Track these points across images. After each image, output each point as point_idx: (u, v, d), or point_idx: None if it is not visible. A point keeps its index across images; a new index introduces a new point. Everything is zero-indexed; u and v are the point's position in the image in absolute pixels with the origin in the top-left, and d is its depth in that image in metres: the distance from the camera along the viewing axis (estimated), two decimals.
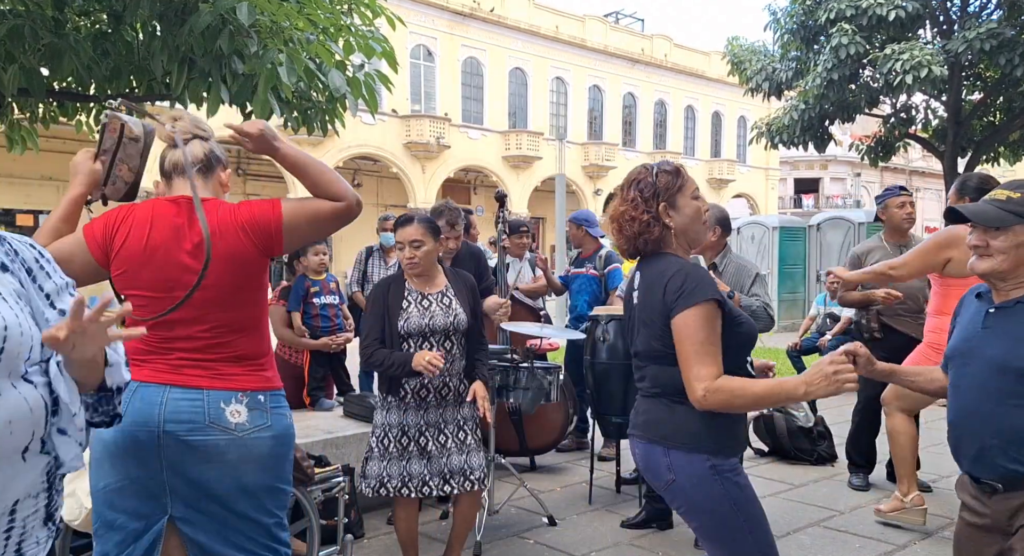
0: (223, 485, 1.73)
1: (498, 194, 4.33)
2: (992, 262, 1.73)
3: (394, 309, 2.72)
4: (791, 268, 13.35)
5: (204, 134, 1.90)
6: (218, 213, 1.78)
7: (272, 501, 1.82)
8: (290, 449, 1.87)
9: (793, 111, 12.32)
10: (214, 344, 1.76)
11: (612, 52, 27.28)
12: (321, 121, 4.07)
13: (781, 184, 35.60)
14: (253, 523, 1.78)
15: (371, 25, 4.04)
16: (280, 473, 1.83)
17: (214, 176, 1.90)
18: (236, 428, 1.73)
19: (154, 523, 1.73)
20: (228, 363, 1.77)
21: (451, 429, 2.76)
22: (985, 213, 1.73)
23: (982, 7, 11.71)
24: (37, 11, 3.25)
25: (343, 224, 1.94)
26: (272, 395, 1.83)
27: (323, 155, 20.59)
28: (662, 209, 1.81)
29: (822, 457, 4.66)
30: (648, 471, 1.85)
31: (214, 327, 1.76)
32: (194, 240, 1.76)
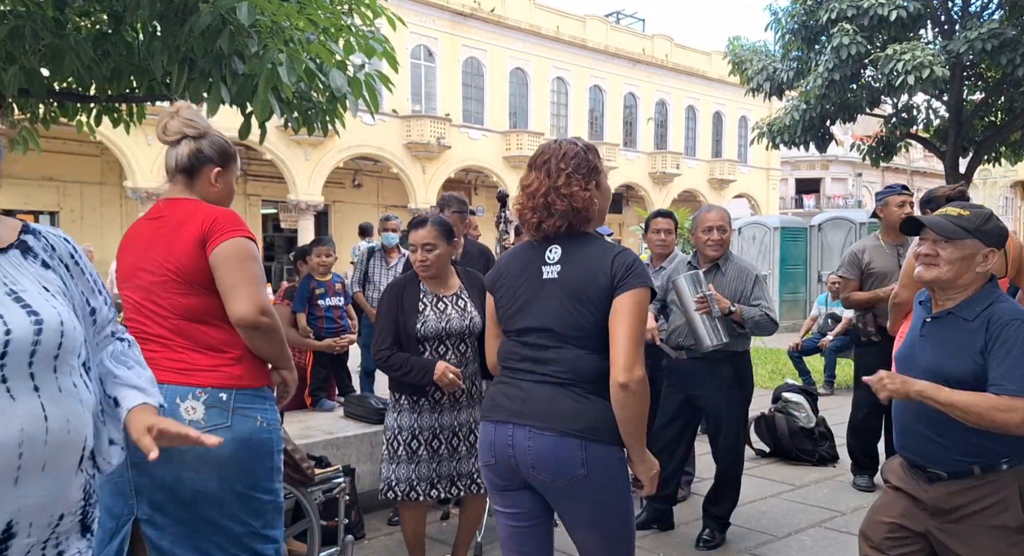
0: (186, 487, 1.68)
1: (500, 194, 4.32)
2: (938, 271, 1.85)
3: (410, 311, 2.68)
4: (792, 268, 13.33)
5: (195, 132, 1.87)
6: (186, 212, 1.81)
7: (241, 508, 1.73)
8: (264, 456, 1.78)
9: (794, 111, 12.31)
10: (179, 331, 1.76)
11: (613, 52, 27.27)
12: (321, 121, 4.07)
13: (782, 184, 35.57)
14: (220, 530, 1.72)
15: (371, 25, 4.04)
16: (248, 479, 1.75)
17: (201, 176, 1.88)
18: (190, 425, 1.69)
19: (124, 524, 1.72)
20: (196, 353, 1.75)
21: (464, 432, 2.75)
22: (942, 225, 1.86)
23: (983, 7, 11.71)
24: (38, 12, 3.25)
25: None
26: (240, 394, 1.75)
27: (324, 155, 20.61)
28: (594, 188, 1.80)
29: (823, 458, 4.65)
30: (554, 464, 1.71)
31: (170, 312, 1.76)
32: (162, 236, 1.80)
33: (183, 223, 1.79)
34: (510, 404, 1.77)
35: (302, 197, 20.42)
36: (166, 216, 1.84)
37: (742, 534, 3.48)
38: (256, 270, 1.78)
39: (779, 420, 4.78)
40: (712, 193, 29.87)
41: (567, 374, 1.72)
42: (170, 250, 1.76)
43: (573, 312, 1.73)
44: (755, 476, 4.38)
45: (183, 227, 1.78)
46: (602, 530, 1.77)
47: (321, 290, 4.18)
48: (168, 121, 1.87)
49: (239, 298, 1.73)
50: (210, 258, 1.74)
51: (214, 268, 1.74)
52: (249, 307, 1.73)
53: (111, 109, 4.52)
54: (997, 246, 1.85)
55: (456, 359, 2.72)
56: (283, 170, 20.13)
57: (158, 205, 1.88)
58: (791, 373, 7.40)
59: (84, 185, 18.24)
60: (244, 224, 1.81)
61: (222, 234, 1.74)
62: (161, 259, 1.77)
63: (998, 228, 1.87)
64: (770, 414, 4.86)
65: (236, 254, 1.74)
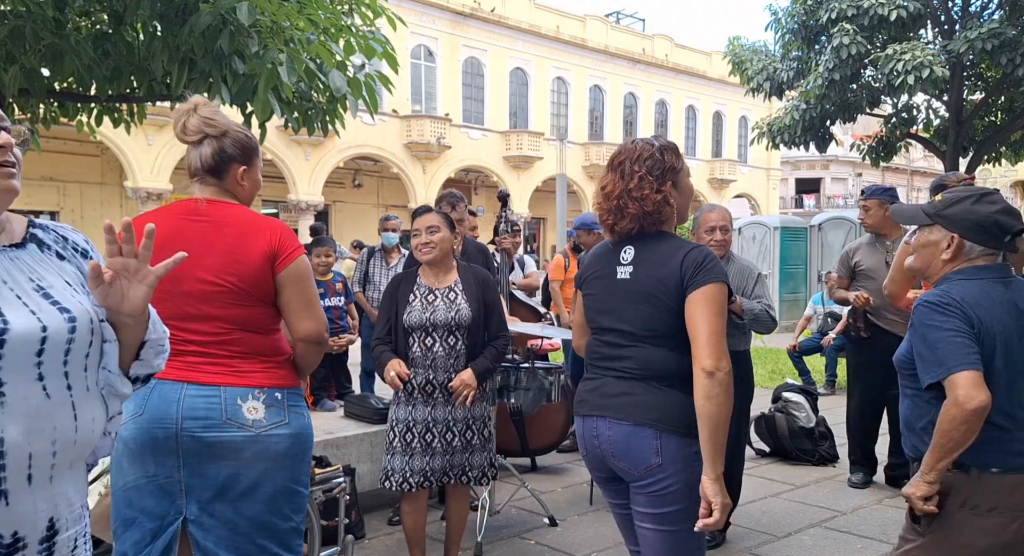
0: (239, 485, 1.70)
1: (500, 194, 4.33)
2: (911, 259, 1.84)
3: (401, 303, 2.75)
4: (792, 268, 13.33)
5: (216, 131, 1.83)
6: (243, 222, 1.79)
7: (288, 504, 1.78)
8: (308, 450, 1.84)
9: (794, 111, 12.31)
10: (226, 340, 1.75)
11: (613, 52, 27.28)
12: (321, 121, 4.08)
13: (782, 184, 35.57)
14: (266, 529, 1.74)
15: (372, 25, 4.04)
16: (297, 474, 1.80)
17: (228, 176, 1.85)
18: (253, 424, 1.71)
19: (170, 524, 1.71)
20: (243, 359, 1.76)
21: (459, 428, 2.76)
22: (905, 212, 1.84)
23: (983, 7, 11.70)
24: (38, 12, 3.25)
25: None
26: (290, 393, 1.81)
27: (324, 155, 20.62)
28: (669, 188, 1.80)
29: (823, 457, 4.65)
30: (627, 453, 1.75)
31: (224, 321, 1.75)
32: (211, 237, 1.76)
33: (245, 234, 1.76)
34: (593, 398, 1.84)
35: (302, 197, 20.43)
36: (213, 220, 1.79)
37: (742, 534, 3.48)
38: (314, 287, 1.87)
39: (779, 420, 4.78)
40: (712, 193, 29.87)
41: (642, 370, 1.76)
42: (234, 261, 1.74)
43: (645, 313, 1.76)
44: (755, 476, 4.38)
45: (247, 239, 1.76)
46: (670, 524, 1.75)
47: (321, 291, 4.18)
48: (187, 119, 1.82)
49: (307, 317, 1.81)
50: (278, 276, 1.77)
51: (281, 286, 1.78)
52: (316, 325, 1.82)
53: (111, 109, 4.53)
54: (962, 231, 1.71)
55: (444, 352, 2.72)
56: (283, 170, 20.14)
57: (197, 205, 1.81)
58: (791, 373, 7.40)
59: (84, 185, 18.25)
60: (296, 238, 1.86)
61: (291, 254, 1.78)
62: (220, 269, 1.74)
63: (967, 212, 1.71)
64: (770, 414, 4.86)
65: (302, 274, 1.81)
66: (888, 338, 3.82)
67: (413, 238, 2.78)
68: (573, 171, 24.81)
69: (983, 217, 1.71)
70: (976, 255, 1.73)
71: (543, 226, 27.33)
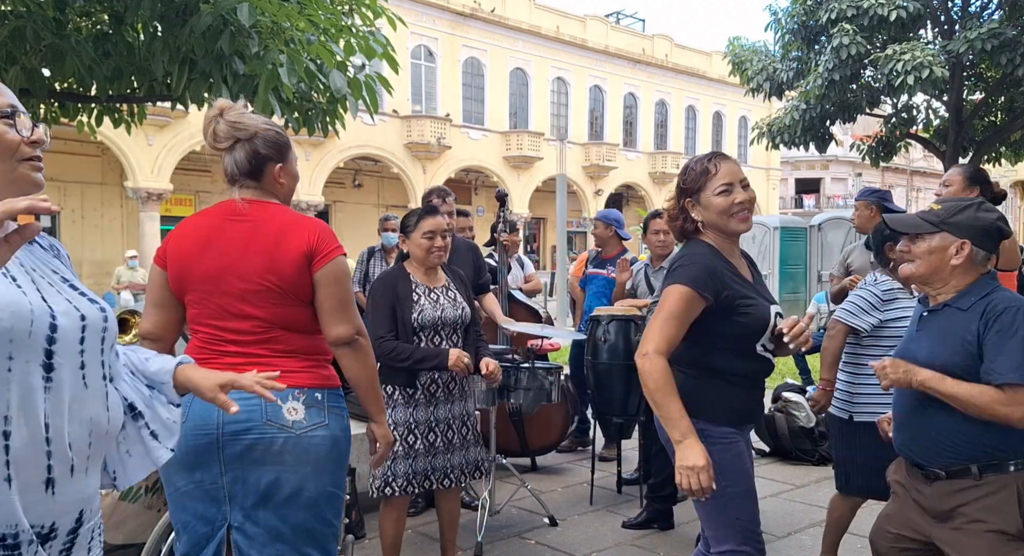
0: (281, 491, 1.69)
1: (499, 193, 4.33)
2: (911, 267, 1.89)
3: (405, 302, 2.70)
4: (792, 268, 13.35)
5: (246, 134, 1.80)
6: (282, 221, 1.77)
7: (330, 509, 1.78)
8: (347, 452, 1.83)
9: (794, 111, 12.30)
10: (264, 339, 1.74)
11: (613, 52, 27.28)
12: (322, 122, 4.08)
13: (782, 184, 35.57)
14: (309, 535, 1.73)
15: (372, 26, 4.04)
16: (338, 477, 1.79)
17: (266, 176, 1.83)
18: (294, 425, 1.70)
19: (218, 529, 1.72)
20: (282, 358, 1.74)
21: (457, 425, 2.78)
22: (906, 221, 1.90)
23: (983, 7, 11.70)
24: (39, 12, 3.26)
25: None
26: (331, 393, 1.79)
27: (324, 155, 20.63)
28: (687, 203, 2.01)
29: (823, 457, 4.65)
30: (659, 430, 1.96)
31: (263, 321, 1.74)
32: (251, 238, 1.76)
33: (285, 234, 1.75)
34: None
35: (303, 197, 20.43)
36: (254, 220, 1.78)
37: None
38: (351, 289, 1.85)
39: (779, 420, 4.79)
40: None
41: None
42: (273, 261, 1.73)
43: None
44: (755, 476, 4.38)
45: (286, 239, 1.74)
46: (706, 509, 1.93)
47: None
48: (216, 126, 1.79)
49: (340, 318, 1.77)
50: (315, 275, 1.75)
51: (317, 285, 1.75)
52: (348, 328, 1.78)
53: (112, 109, 4.53)
54: (971, 237, 1.81)
55: (452, 347, 2.76)
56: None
57: (238, 205, 1.80)
58: (791, 373, 7.40)
59: (85, 185, 18.25)
60: (336, 237, 1.84)
61: (328, 253, 1.76)
62: (261, 268, 1.73)
63: (973, 219, 1.82)
64: (770, 414, 4.86)
65: (339, 274, 1.78)
66: None
67: (426, 239, 2.71)
68: (573, 171, 24.81)
69: (988, 224, 1.83)
70: (980, 261, 1.83)
71: (543, 226, 27.33)
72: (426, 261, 2.75)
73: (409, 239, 2.77)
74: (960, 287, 1.84)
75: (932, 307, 1.90)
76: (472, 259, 3.68)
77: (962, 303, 1.82)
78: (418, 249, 2.75)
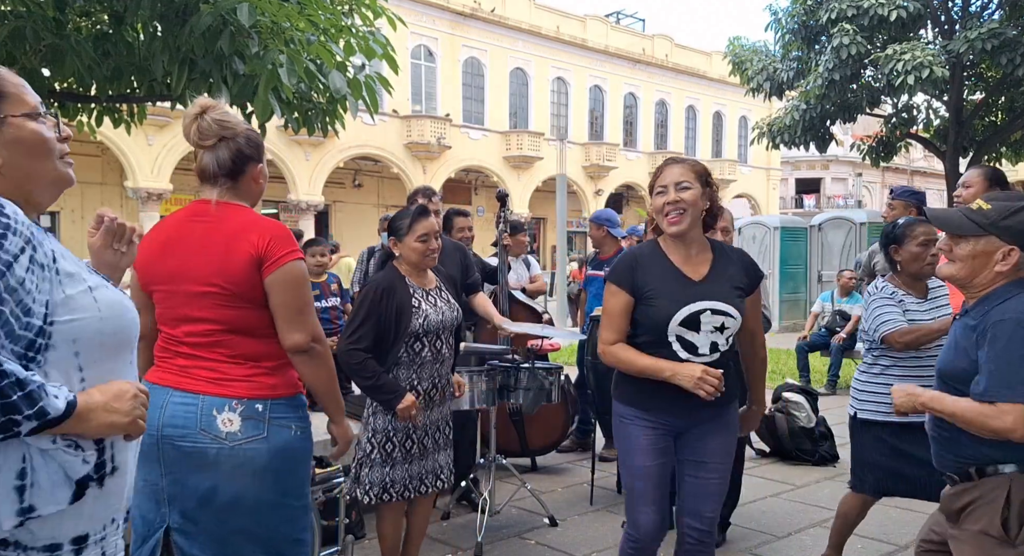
0: (219, 497, 1.67)
1: (499, 193, 4.32)
2: (952, 268, 1.79)
3: (405, 310, 2.63)
4: (792, 268, 13.33)
5: (231, 133, 1.80)
6: (239, 224, 1.76)
7: (274, 517, 1.73)
8: (298, 463, 1.78)
9: (794, 111, 12.30)
10: (213, 342, 1.72)
11: (613, 52, 27.28)
12: (322, 122, 4.07)
13: (782, 184, 35.57)
14: (251, 538, 1.71)
15: (372, 26, 4.04)
16: (285, 487, 1.74)
17: (245, 177, 1.83)
18: (227, 437, 1.67)
19: (155, 530, 1.71)
20: (231, 363, 1.72)
21: (432, 430, 2.76)
22: (950, 220, 1.78)
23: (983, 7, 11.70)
24: (38, 12, 3.25)
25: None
26: (276, 404, 1.74)
27: (324, 155, 20.62)
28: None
29: (824, 457, 4.66)
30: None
31: (213, 324, 1.73)
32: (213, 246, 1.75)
33: (237, 237, 1.73)
34: None
35: (303, 197, 20.44)
36: (216, 221, 1.76)
37: (742, 534, 3.48)
38: (308, 294, 1.80)
39: (779, 420, 4.79)
40: None
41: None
42: (223, 264, 1.71)
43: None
44: (755, 476, 4.38)
45: (237, 242, 1.72)
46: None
47: (316, 292, 4.16)
48: (198, 123, 1.77)
49: (293, 326, 1.73)
50: (266, 281, 1.72)
51: (269, 291, 1.72)
52: (303, 336, 1.74)
53: (112, 109, 4.52)
54: (1021, 243, 1.69)
55: (448, 353, 2.76)
56: (283, 170, 20.14)
57: (205, 206, 1.79)
58: (791, 373, 7.40)
59: (85, 185, 18.25)
60: (295, 241, 1.80)
61: (279, 258, 1.72)
62: (210, 271, 1.72)
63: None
64: (770, 414, 4.86)
65: (292, 280, 1.74)
66: None
67: (420, 243, 2.67)
68: (573, 171, 24.81)
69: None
70: (1022, 266, 1.71)
71: (543, 226, 27.32)
72: (420, 264, 2.72)
73: (402, 243, 2.70)
74: (987, 292, 1.74)
75: (960, 312, 1.84)
76: (460, 259, 3.66)
77: (976, 310, 1.75)
78: (413, 253, 2.69)
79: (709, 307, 2.10)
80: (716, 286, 2.14)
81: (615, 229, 4.85)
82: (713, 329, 2.11)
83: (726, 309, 2.11)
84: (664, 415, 2.18)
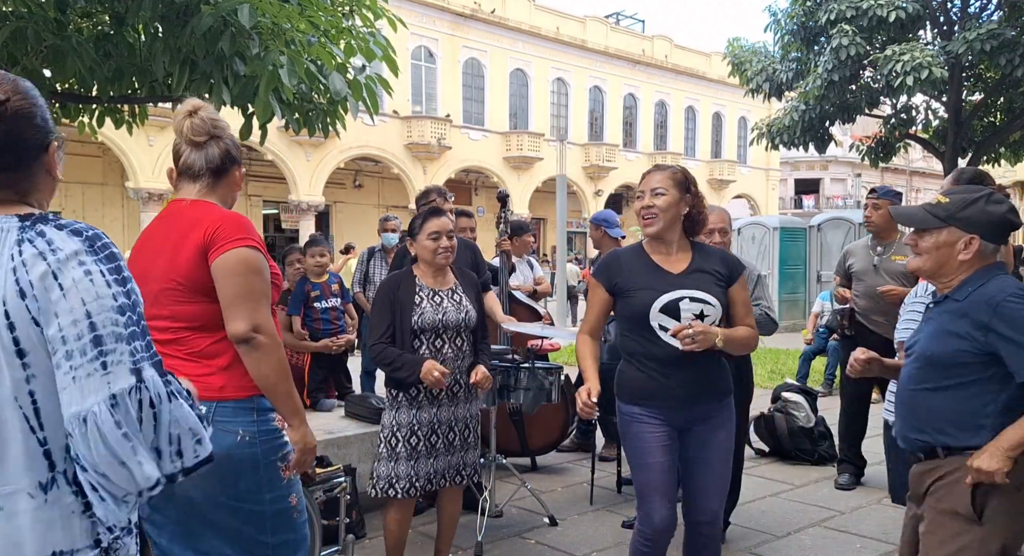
0: (177, 492, 1.64)
1: (500, 194, 4.33)
2: (919, 261, 1.89)
3: (406, 305, 2.69)
4: (792, 269, 13.34)
5: (221, 132, 1.82)
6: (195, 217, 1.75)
7: (237, 518, 1.70)
8: (243, 470, 1.69)
9: (794, 112, 12.32)
10: (173, 340, 1.72)
11: (613, 53, 27.28)
12: (322, 122, 4.08)
13: (782, 185, 35.57)
14: (217, 532, 1.70)
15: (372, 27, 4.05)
16: (232, 492, 1.69)
17: (227, 178, 1.84)
18: None
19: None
20: (184, 361, 1.69)
21: (460, 427, 2.78)
22: (913, 216, 1.89)
23: (982, 8, 11.71)
24: (39, 13, 3.26)
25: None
26: (221, 407, 1.67)
27: (324, 156, 20.62)
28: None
29: (823, 457, 4.66)
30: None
31: (170, 320, 1.71)
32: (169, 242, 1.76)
33: (190, 229, 1.72)
34: None
35: (303, 198, 20.43)
36: (179, 219, 1.77)
37: (742, 533, 3.49)
38: (257, 283, 1.70)
39: (778, 420, 4.79)
40: (712, 194, 29.86)
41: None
42: (175, 258, 1.71)
43: None
44: (755, 476, 4.39)
45: (190, 234, 1.72)
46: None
47: (316, 293, 4.14)
48: (191, 121, 1.78)
49: (235, 313, 1.66)
50: (211, 267, 1.67)
51: (215, 278, 1.67)
52: (243, 324, 1.66)
53: (113, 110, 4.54)
54: (980, 231, 1.78)
55: (453, 353, 2.75)
56: (284, 171, 20.14)
57: (176, 205, 1.81)
58: (791, 373, 7.41)
59: (86, 186, 18.26)
60: (251, 230, 1.74)
61: (224, 243, 1.67)
62: (166, 266, 1.72)
63: (982, 212, 1.79)
64: (769, 414, 4.87)
65: (237, 266, 1.67)
66: (873, 338, 3.83)
67: (431, 240, 2.70)
68: (573, 172, 24.81)
69: (998, 217, 1.80)
70: (988, 254, 1.81)
71: (543, 227, 27.32)
72: (433, 262, 2.75)
73: (415, 241, 2.76)
74: (964, 277, 1.82)
75: (936, 299, 1.92)
76: (470, 258, 3.67)
77: (958, 293, 1.82)
78: (424, 251, 2.74)
79: (687, 295, 2.25)
80: (694, 277, 2.29)
81: (612, 229, 4.86)
82: (693, 317, 2.23)
83: (703, 297, 2.25)
84: (664, 410, 2.28)
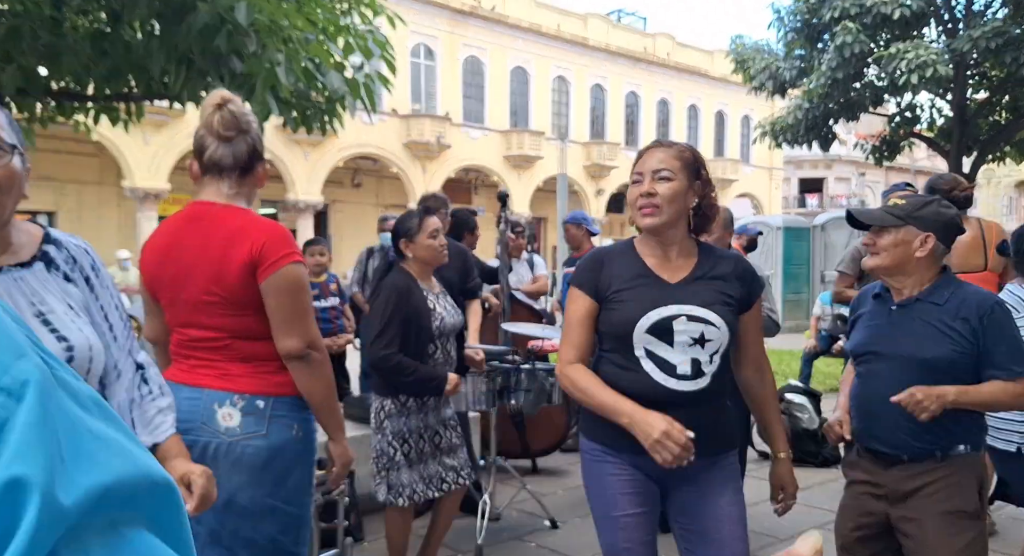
0: (218, 495, 1.65)
1: (500, 194, 4.30)
2: (876, 259, 1.92)
3: (423, 312, 2.65)
4: (795, 268, 13.31)
5: (248, 126, 1.76)
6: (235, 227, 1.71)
7: (272, 523, 1.70)
8: (297, 465, 1.74)
9: (797, 110, 12.27)
10: (219, 347, 1.72)
11: (614, 51, 27.23)
12: (320, 121, 4.05)
13: (785, 184, 35.53)
14: (249, 544, 1.69)
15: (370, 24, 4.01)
16: (280, 491, 1.71)
17: (252, 175, 1.79)
18: (226, 432, 1.66)
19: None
20: (236, 362, 1.71)
21: (442, 428, 2.78)
22: (872, 216, 1.95)
23: (987, 5, 11.65)
24: (35, 11, 3.24)
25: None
26: (279, 402, 1.71)
27: (323, 155, 20.60)
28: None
29: (827, 459, 4.63)
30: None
31: (216, 330, 1.72)
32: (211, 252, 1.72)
33: (233, 242, 1.68)
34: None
35: (301, 197, 20.42)
36: (214, 224, 1.72)
37: None
38: (306, 300, 1.74)
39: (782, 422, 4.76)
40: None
41: None
42: (219, 272, 1.68)
43: None
44: (757, 478, 4.34)
45: (233, 248, 1.68)
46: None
47: (315, 292, 4.13)
48: (220, 114, 1.72)
49: (288, 331, 1.68)
50: (261, 286, 1.67)
51: (264, 296, 1.68)
52: (298, 341, 1.68)
53: (109, 108, 4.51)
54: (935, 231, 1.88)
55: (455, 354, 2.80)
56: (282, 170, 20.12)
57: (203, 207, 1.75)
58: (793, 374, 7.36)
59: (82, 185, 18.23)
60: (294, 243, 1.74)
61: (274, 262, 1.67)
62: (208, 280, 1.69)
63: (936, 214, 1.89)
64: None
65: (288, 286, 1.68)
66: None
67: (432, 238, 2.68)
68: (574, 171, 24.78)
69: (949, 219, 1.91)
70: (939, 254, 1.90)
71: (544, 226, 27.30)
72: (434, 261, 2.72)
73: (414, 242, 2.69)
74: (924, 281, 1.90)
75: (902, 301, 1.93)
76: (460, 262, 3.63)
77: (936, 297, 1.88)
78: (427, 250, 2.69)
79: (684, 312, 1.66)
80: (694, 289, 1.71)
81: (592, 227, 4.91)
82: (691, 341, 1.65)
83: (705, 315, 1.67)
84: (641, 459, 1.66)
